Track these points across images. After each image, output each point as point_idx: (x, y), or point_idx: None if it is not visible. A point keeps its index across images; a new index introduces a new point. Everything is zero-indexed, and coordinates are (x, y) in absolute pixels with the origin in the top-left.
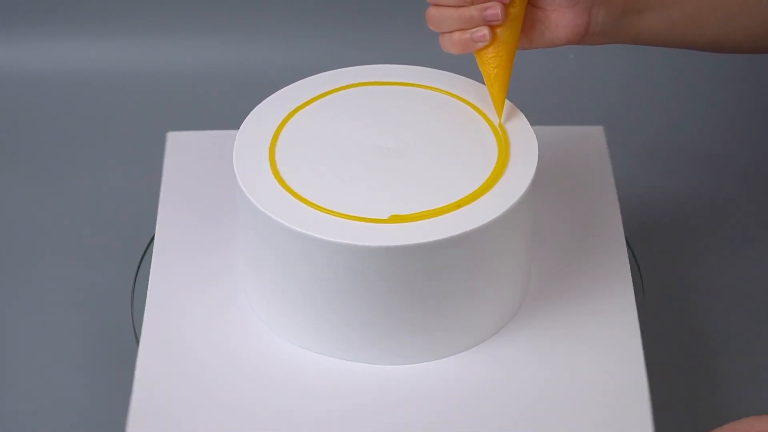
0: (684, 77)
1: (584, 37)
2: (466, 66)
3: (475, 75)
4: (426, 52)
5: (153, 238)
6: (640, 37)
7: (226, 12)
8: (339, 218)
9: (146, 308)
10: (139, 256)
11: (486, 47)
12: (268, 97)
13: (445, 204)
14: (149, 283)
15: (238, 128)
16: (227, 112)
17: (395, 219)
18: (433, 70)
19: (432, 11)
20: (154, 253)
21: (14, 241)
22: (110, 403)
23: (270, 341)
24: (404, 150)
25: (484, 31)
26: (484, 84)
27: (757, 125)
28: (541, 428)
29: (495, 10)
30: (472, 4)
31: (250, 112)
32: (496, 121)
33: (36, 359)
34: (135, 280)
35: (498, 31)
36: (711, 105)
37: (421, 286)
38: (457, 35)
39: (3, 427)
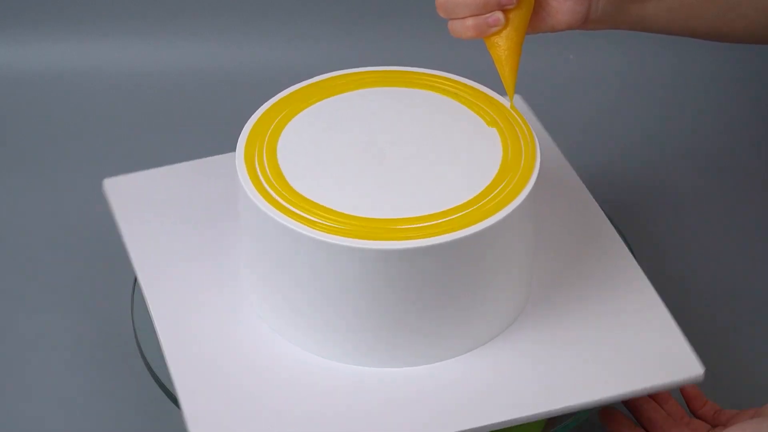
0: (682, 77)
1: (585, 23)
2: (468, 65)
3: (478, 74)
4: (429, 53)
5: None
6: (641, 24)
7: (228, 13)
8: (341, 220)
9: (154, 317)
10: None
11: (498, 31)
12: (271, 99)
13: (448, 207)
14: (148, 291)
15: (239, 130)
16: (228, 113)
17: (397, 222)
18: (437, 72)
19: None
20: (142, 265)
21: (14, 241)
22: (110, 404)
23: (273, 343)
24: (407, 152)
25: (498, 15)
26: (495, 68)
27: (757, 123)
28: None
29: None
30: None
31: (251, 113)
32: (507, 103)
33: (36, 359)
34: (135, 281)
35: (511, 15)
36: (710, 103)
37: (423, 289)
38: (470, 20)
39: (3, 427)
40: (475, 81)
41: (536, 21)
